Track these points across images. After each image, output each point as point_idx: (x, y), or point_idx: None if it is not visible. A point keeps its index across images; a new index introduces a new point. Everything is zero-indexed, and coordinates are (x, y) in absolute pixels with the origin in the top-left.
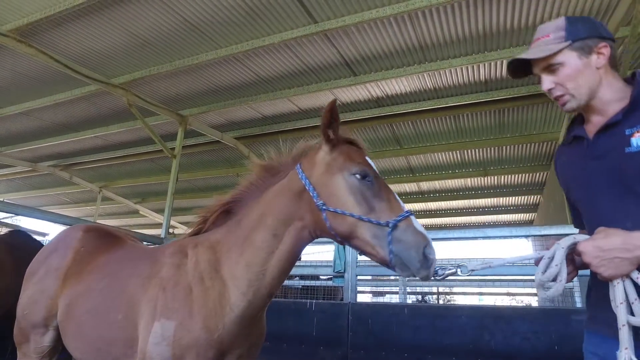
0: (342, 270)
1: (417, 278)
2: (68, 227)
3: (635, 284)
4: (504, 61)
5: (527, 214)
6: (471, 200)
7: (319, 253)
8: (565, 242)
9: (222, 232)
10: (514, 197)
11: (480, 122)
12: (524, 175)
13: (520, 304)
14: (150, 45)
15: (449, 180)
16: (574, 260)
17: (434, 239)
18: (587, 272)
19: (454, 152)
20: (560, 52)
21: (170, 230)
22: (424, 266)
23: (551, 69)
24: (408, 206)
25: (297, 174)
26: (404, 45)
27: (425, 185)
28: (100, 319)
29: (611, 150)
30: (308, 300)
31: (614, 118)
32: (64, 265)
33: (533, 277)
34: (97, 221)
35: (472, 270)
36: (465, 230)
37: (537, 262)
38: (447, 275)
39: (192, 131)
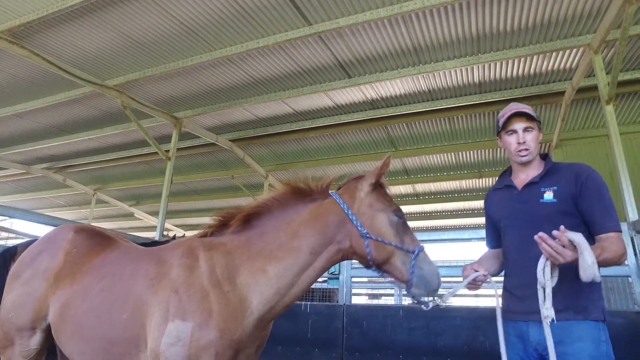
0: (337, 272)
1: (422, 299)
2: (55, 228)
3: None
4: (497, 63)
5: None
6: (466, 202)
7: None
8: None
9: (241, 240)
10: None
11: (474, 124)
12: None
13: None
14: (144, 46)
15: (444, 182)
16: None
17: (429, 240)
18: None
19: (448, 154)
20: (535, 122)
21: (165, 233)
22: (437, 289)
23: (527, 129)
24: (403, 208)
25: (336, 203)
26: (398, 48)
27: (420, 187)
28: (102, 320)
29: (531, 199)
30: (303, 302)
31: (535, 179)
32: (54, 267)
33: None
34: (92, 224)
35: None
36: (460, 232)
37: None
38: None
39: (187, 133)
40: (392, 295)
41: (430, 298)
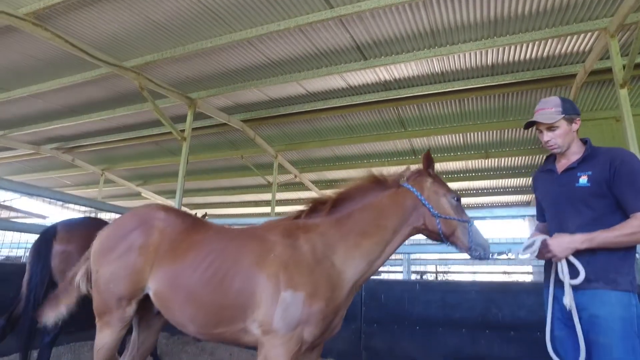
0: None
1: (474, 258)
2: (140, 206)
3: (568, 261)
4: (512, 47)
5: (525, 196)
6: (471, 182)
7: None
8: (540, 237)
9: (332, 222)
10: (513, 179)
11: (484, 105)
12: (524, 157)
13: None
14: (164, 28)
15: (451, 162)
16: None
17: None
18: None
19: (457, 135)
20: (558, 120)
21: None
22: (488, 252)
23: (551, 129)
24: None
25: (410, 191)
26: (416, 30)
27: None
28: (215, 289)
29: (568, 183)
30: None
31: (573, 164)
32: (150, 243)
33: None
34: None
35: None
36: (476, 210)
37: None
38: (497, 256)
39: (198, 114)
40: (400, 272)
41: (492, 254)
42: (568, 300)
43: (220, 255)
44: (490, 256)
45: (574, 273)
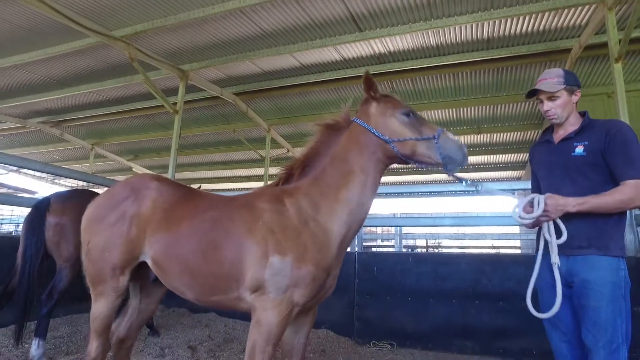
0: None
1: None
2: (131, 176)
3: (555, 223)
4: (508, 20)
5: (516, 171)
6: None
7: None
8: (539, 196)
9: (309, 181)
10: (504, 155)
11: (478, 80)
12: (516, 133)
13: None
14: None
15: None
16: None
17: (426, 192)
18: None
19: (450, 110)
20: (559, 90)
21: None
22: (465, 158)
23: (552, 98)
24: None
25: (358, 125)
26: (412, 2)
27: None
28: (210, 258)
29: (564, 152)
30: None
31: (570, 134)
32: (143, 212)
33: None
34: None
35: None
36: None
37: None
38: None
39: (190, 87)
40: (392, 247)
41: (468, 179)
42: (554, 257)
43: (213, 225)
44: (465, 163)
45: (558, 234)
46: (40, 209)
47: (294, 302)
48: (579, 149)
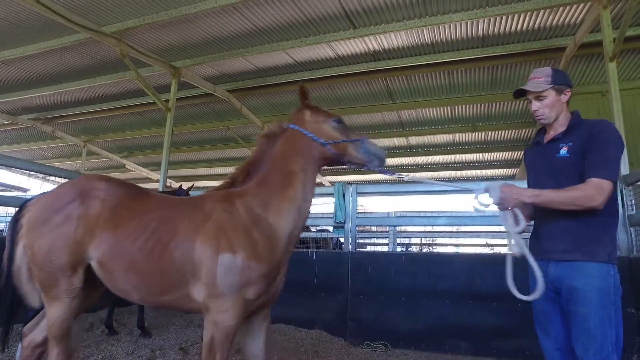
0: (343, 221)
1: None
2: (77, 177)
3: (514, 213)
4: (503, 17)
5: (510, 169)
6: (458, 155)
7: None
8: (495, 184)
9: (255, 184)
10: (499, 153)
11: (473, 78)
12: (511, 131)
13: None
14: None
15: (438, 135)
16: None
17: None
18: None
19: (445, 108)
20: (546, 90)
21: (168, 184)
22: (384, 159)
23: (539, 98)
24: (396, 160)
25: (294, 131)
26: None
27: (414, 140)
28: (157, 257)
29: (551, 154)
30: (309, 250)
31: (558, 135)
32: (91, 213)
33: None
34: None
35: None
36: (461, 183)
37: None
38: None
39: (183, 84)
40: (387, 245)
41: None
42: (515, 249)
43: (162, 224)
44: (384, 164)
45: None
46: (16, 214)
47: (248, 300)
48: (563, 150)
